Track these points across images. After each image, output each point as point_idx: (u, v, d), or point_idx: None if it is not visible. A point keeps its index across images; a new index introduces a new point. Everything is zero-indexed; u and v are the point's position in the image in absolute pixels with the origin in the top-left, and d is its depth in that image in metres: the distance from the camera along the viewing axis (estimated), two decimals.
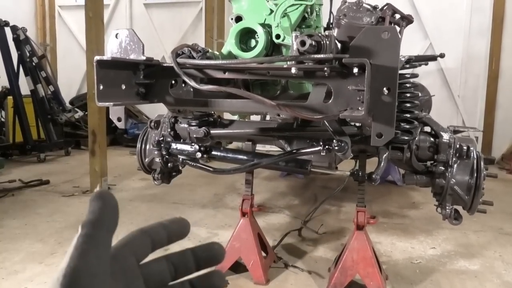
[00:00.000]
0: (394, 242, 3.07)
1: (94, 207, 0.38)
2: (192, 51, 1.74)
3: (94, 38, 4.11)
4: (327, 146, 1.70)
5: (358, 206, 2.27)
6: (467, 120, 6.36)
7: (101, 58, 1.41)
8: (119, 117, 1.67)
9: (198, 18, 7.39)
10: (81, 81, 7.93)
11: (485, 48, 6.24)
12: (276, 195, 4.27)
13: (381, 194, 4.25)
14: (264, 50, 1.86)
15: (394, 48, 1.29)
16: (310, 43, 1.33)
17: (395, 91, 1.33)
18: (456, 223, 2.20)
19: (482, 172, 2.11)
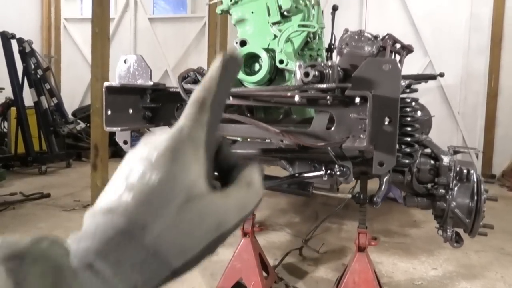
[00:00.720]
0: (396, 262, 3.07)
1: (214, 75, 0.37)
2: (197, 74, 1.78)
3: (99, 53, 4.17)
4: (329, 171, 1.73)
5: (360, 227, 2.28)
6: (467, 137, 6.39)
7: (110, 85, 1.44)
8: (125, 140, 1.70)
9: (201, 33, 7.49)
10: (84, 92, 8.00)
11: (484, 66, 6.31)
12: (277, 212, 4.27)
13: (382, 212, 4.26)
14: (268, 75, 1.90)
15: (395, 79, 1.33)
16: (314, 74, 1.37)
17: (396, 121, 1.36)
18: (457, 246, 2.21)
19: (483, 195, 2.13)
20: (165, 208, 0.32)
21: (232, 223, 0.35)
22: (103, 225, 0.31)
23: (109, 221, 0.31)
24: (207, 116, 0.36)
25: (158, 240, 0.31)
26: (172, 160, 0.33)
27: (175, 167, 0.33)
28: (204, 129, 0.36)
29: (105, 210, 0.32)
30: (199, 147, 0.35)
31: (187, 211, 0.32)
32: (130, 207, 0.31)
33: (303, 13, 1.99)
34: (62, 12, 8.39)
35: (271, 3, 1.95)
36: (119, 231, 0.30)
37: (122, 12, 7.90)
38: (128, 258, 0.30)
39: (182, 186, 0.33)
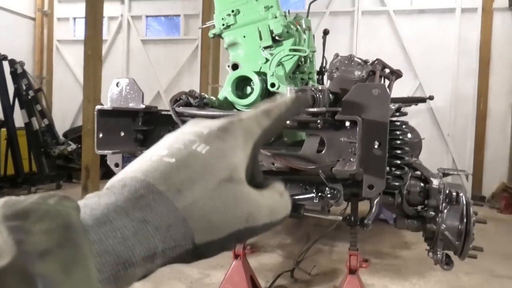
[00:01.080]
0: (387, 284, 3.05)
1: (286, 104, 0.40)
2: (189, 97, 1.80)
3: (92, 75, 4.19)
4: (320, 194, 1.74)
5: (351, 249, 2.28)
6: (457, 159, 6.47)
7: (102, 108, 1.45)
8: (117, 163, 1.70)
9: (193, 55, 7.59)
10: (75, 113, 7.98)
11: (473, 88, 6.46)
12: (269, 233, 4.23)
13: (373, 233, 4.24)
14: (259, 98, 1.93)
15: (384, 104, 1.36)
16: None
17: (386, 145, 1.38)
18: (448, 268, 2.21)
19: (472, 217, 2.15)
20: (207, 178, 0.31)
21: (261, 221, 0.34)
22: (134, 183, 0.29)
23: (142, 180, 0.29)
24: (268, 123, 0.37)
25: (191, 208, 0.29)
26: (223, 138, 0.34)
27: (224, 145, 0.33)
28: (260, 131, 0.37)
29: (138, 170, 0.30)
30: (250, 141, 0.36)
31: (225, 190, 0.31)
32: (170, 168, 0.30)
33: (295, 38, 2.04)
34: (55, 33, 8.46)
35: (263, 28, 2.00)
36: (152, 190, 0.29)
37: (115, 34, 7.99)
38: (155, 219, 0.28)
39: (227, 164, 0.32)
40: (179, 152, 0.31)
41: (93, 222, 0.27)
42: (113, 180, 0.31)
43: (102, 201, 0.28)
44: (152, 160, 0.31)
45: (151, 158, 0.31)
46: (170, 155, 0.31)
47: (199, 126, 0.35)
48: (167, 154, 0.31)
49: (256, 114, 0.37)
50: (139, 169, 0.30)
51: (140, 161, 0.32)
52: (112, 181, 0.30)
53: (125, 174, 0.30)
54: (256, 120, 0.37)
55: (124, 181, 0.29)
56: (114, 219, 0.27)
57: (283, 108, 0.39)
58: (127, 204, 0.28)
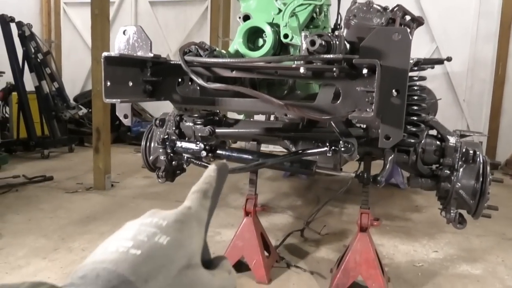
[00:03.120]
0: (397, 244, 3.06)
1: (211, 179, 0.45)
2: (199, 49, 1.74)
3: (99, 35, 4.11)
4: (333, 147, 1.70)
5: (362, 208, 2.26)
6: (472, 125, 6.33)
7: (109, 55, 1.41)
8: (126, 114, 1.67)
9: (203, 16, 7.40)
10: (85, 78, 7.95)
11: (492, 53, 6.21)
12: (279, 195, 4.26)
13: (384, 197, 4.24)
14: (271, 50, 1.85)
15: (404, 50, 1.29)
16: (320, 43, 1.33)
17: (405, 94, 1.32)
18: (460, 227, 2.19)
19: (488, 176, 2.10)
20: (168, 268, 0.34)
21: None
22: (106, 274, 0.31)
23: (113, 271, 0.32)
24: (209, 203, 0.43)
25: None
26: (180, 229, 0.38)
27: (182, 235, 0.37)
28: (206, 212, 0.42)
29: (108, 261, 0.33)
30: (202, 226, 0.41)
31: (184, 276, 0.35)
32: (137, 260, 0.33)
33: None
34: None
35: None
36: (123, 281, 0.31)
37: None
38: None
39: (185, 253, 0.36)
40: (143, 244, 0.34)
41: None
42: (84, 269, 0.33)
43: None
44: (119, 251, 0.34)
45: (118, 249, 0.34)
46: (136, 247, 0.34)
47: (157, 217, 0.39)
48: (133, 246, 0.34)
49: (197, 198, 0.42)
50: (108, 259, 0.33)
51: (107, 251, 0.34)
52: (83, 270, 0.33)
53: (95, 264, 0.33)
54: (201, 204, 0.42)
55: (97, 272, 0.32)
56: None
57: (213, 184, 0.44)
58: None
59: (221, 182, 0.46)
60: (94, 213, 3.51)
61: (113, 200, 3.94)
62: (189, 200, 0.43)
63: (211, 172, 0.46)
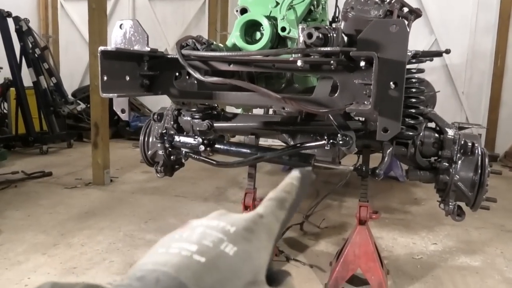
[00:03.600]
0: (396, 237, 3.07)
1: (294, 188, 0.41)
2: (196, 43, 1.73)
3: (97, 29, 4.09)
4: (331, 141, 1.70)
5: (361, 201, 2.26)
6: (471, 117, 6.33)
7: (106, 49, 1.40)
8: (123, 108, 1.67)
9: (201, 11, 7.36)
10: (83, 73, 7.92)
11: (491, 45, 6.19)
12: None
13: (383, 190, 4.25)
14: (269, 43, 1.84)
15: (402, 42, 1.28)
16: (317, 35, 1.32)
17: (402, 86, 1.32)
18: (459, 220, 2.20)
19: (487, 168, 2.10)
20: (233, 282, 0.31)
21: None
22: (167, 280, 0.29)
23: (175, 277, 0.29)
24: (284, 215, 0.39)
25: None
26: (249, 239, 0.34)
27: (251, 247, 0.34)
28: (279, 225, 0.38)
29: (170, 265, 0.30)
30: (272, 239, 0.37)
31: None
32: (201, 269, 0.30)
33: None
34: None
35: None
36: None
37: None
38: None
39: (252, 267, 0.33)
40: (208, 251, 0.32)
41: None
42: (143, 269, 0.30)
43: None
44: (182, 255, 0.31)
45: (181, 252, 0.31)
46: (200, 253, 0.31)
47: (225, 221, 0.35)
48: (197, 251, 0.31)
49: (272, 207, 0.38)
50: (170, 263, 0.30)
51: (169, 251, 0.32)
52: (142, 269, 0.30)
53: (155, 266, 0.30)
54: (274, 215, 0.38)
55: (157, 275, 0.29)
56: None
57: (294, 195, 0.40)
58: None
59: (303, 193, 0.41)
60: (93, 209, 3.51)
61: (112, 195, 3.94)
62: (262, 207, 0.38)
63: (293, 180, 0.41)
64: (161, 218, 3.33)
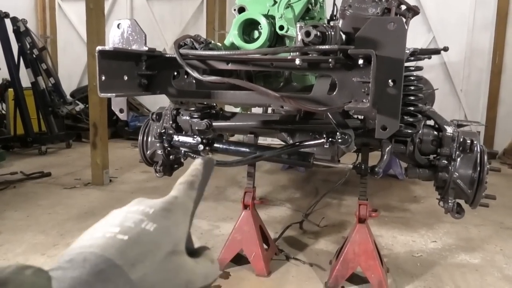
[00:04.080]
0: (395, 235, 3.07)
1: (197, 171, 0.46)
2: (194, 42, 1.73)
3: (94, 29, 4.08)
4: (330, 139, 1.69)
5: (360, 199, 2.26)
6: (469, 115, 6.33)
7: (103, 49, 1.40)
8: (121, 108, 1.66)
9: (199, 10, 7.35)
10: (81, 73, 7.91)
11: (489, 42, 6.19)
12: (278, 188, 4.27)
13: (382, 188, 4.25)
14: (267, 42, 1.84)
15: (400, 39, 1.28)
16: (315, 33, 1.32)
17: (401, 84, 1.32)
18: (458, 217, 2.20)
19: (485, 166, 2.10)
20: (155, 253, 0.35)
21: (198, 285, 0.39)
22: (94, 258, 0.32)
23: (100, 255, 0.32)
24: (195, 193, 0.44)
25: (143, 279, 0.33)
26: (167, 217, 0.39)
27: (168, 222, 0.38)
28: (192, 203, 0.43)
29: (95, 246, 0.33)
30: (187, 215, 0.42)
31: (169, 261, 0.36)
32: (124, 245, 0.33)
33: None
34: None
35: None
36: (110, 264, 0.32)
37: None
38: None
39: (171, 239, 0.38)
40: (130, 230, 0.35)
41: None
42: (71, 253, 0.33)
43: (67, 274, 0.31)
44: (106, 237, 0.34)
45: (105, 235, 0.34)
46: (123, 232, 0.35)
47: (144, 205, 0.40)
48: (120, 232, 0.35)
49: (184, 189, 0.44)
50: (95, 244, 0.33)
51: (93, 236, 0.35)
52: (70, 254, 0.33)
53: (82, 249, 0.33)
54: (187, 195, 0.43)
55: (84, 256, 0.32)
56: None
57: (199, 176, 0.46)
58: (90, 277, 0.31)
59: (207, 176, 0.47)
60: (93, 209, 3.51)
61: (112, 195, 3.94)
62: (175, 190, 0.43)
63: (197, 166, 0.47)
64: None
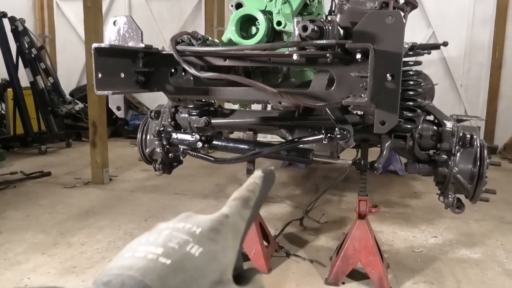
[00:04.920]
0: (396, 231, 3.07)
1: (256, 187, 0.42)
2: (191, 38, 1.72)
3: (92, 27, 4.07)
4: (329, 135, 1.69)
5: (360, 195, 2.26)
6: (470, 110, 6.32)
7: (99, 46, 1.39)
8: (119, 106, 1.66)
9: (197, 8, 7.32)
10: (80, 72, 7.89)
11: (489, 36, 6.17)
12: (278, 185, 4.26)
13: (382, 184, 4.25)
14: (265, 38, 1.83)
15: (398, 33, 1.27)
16: (312, 28, 1.31)
17: (399, 78, 1.31)
18: (459, 212, 2.20)
19: (485, 160, 2.10)
20: (199, 282, 0.32)
21: None
22: (132, 283, 0.29)
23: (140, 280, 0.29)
24: (249, 213, 0.39)
25: None
26: (214, 240, 0.35)
27: (216, 247, 0.34)
28: (244, 224, 0.39)
29: (135, 268, 0.30)
30: (238, 238, 0.38)
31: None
32: (166, 271, 0.31)
33: None
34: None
35: None
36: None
37: None
38: None
39: (218, 267, 0.34)
40: (174, 253, 0.32)
41: None
42: (109, 273, 0.31)
43: None
44: (148, 258, 0.31)
45: (147, 256, 0.31)
46: (166, 255, 0.32)
47: (191, 223, 0.36)
48: (163, 254, 0.32)
49: (237, 207, 0.39)
50: (135, 266, 0.30)
51: (135, 255, 0.32)
52: (108, 274, 0.31)
53: (121, 270, 0.30)
54: (239, 214, 0.39)
55: (122, 279, 0.30)
56: None
57: (257, 193, 0.41)
58: None
59: (266, 191, 0.42)
60: (93, 208, 3.51)
61: (112, 194, 3.94)
62: (227, 207, 0.39)
63: (256, 179, 0.42)
64: (161, 216, 3.32)
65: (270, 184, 0.43)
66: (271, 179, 0.43)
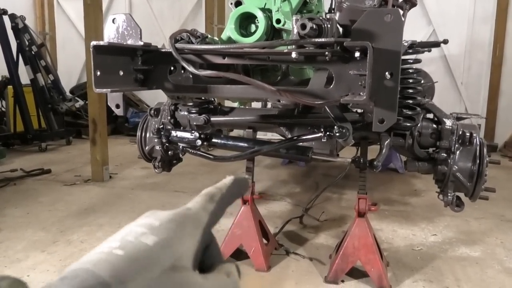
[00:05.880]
0: (396, 229, 3.07)
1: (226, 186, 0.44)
2: (190, 36, 1.71)
3: (92, 25, 4.07)
4: (328, 133, 1.69)
5: (360, 193, 2.26)
6: (470, 108, 6.31)
7: (98, 43, 1.39)
8: (118, 103, 1.66)
9: (198, 5, 7.31)
10: (81, 70, 7.89)
11: (489, 34, 6.15)
12: (278, 183, 4.26)
13: (382, 181, 4.25)
14: (264, 35, 1.82)
15: (397, 31, 1.26)
16: (311, 26, 1.30)
17: (398, 76, 1.31)
18: (458, 210, 2.19)
19: (485, 158, 2.09)
20: (150, 269, 0.33)
21: None
22: (84, 275, 0.31)
23: (92, 272, 0.31)
24: (213, 206, 0.41)
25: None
26: (171, 229, 0.36)
27: (172, 236, 0.36)
28: (207, 216, 0.40)
29: (90, 261, 0.32)
30: (199, 228, 0.39)
31: (168, 278, 0.34)
32: (119, 261, 0.32)
33: None
34: None
35: None
36: (100, 282, 0.31)
37: None
38: None
39: (172, 254, 0.35)
40: (128, 245, 0.33)
41: None
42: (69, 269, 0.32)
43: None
44: (103, 252, 0.33)
45: (103, 249, 0.33)
46: (121, 247, 0.33)
47: (153, 218, 0.37)
48: (119, 246, 0.33)
49: (200, 201, 0.41)
50: (90, 260, 0.32)
51: (95, 251, 0.34)
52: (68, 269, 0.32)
53: (79, 265, 0.32)
54: (202, 206, 0.40)
55: (76, 272, 0.31)
56: None
57: (224, 190, 0.43)
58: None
59: (235, 192, 0.44)
60: (93, 205, 3.51)
61: (112, 191, 3.94)
62: (192, 202, 0.41)
63: (226, 181, 0.45)
64: None
65: (242, 189, 0.45)
66: (243, 185, 0.45)
